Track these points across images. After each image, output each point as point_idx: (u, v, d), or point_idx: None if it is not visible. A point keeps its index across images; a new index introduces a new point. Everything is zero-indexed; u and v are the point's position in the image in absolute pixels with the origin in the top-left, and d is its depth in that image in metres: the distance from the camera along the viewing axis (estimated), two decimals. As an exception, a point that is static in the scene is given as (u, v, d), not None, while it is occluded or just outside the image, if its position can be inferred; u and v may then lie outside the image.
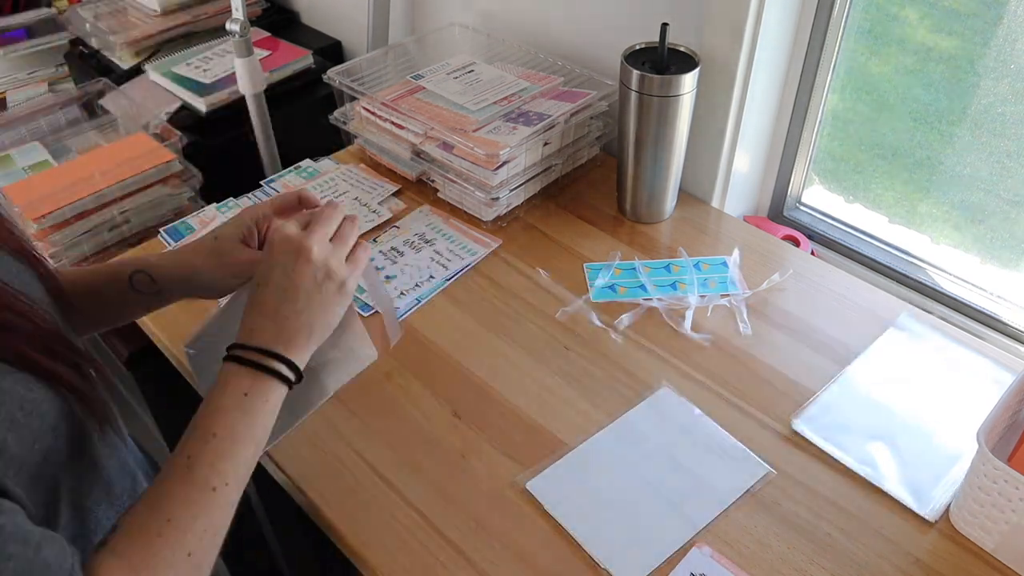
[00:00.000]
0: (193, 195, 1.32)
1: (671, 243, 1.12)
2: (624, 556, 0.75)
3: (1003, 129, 0.99)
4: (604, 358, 0.95)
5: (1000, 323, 1.05)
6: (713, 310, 1.01)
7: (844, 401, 0.89)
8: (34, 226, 1.16)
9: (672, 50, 1.06)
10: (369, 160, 1.28)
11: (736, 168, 1.17)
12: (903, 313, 1.00)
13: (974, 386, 0.91)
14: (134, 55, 1.66)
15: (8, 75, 2.02)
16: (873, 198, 1.17)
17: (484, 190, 1.10)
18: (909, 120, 1.08)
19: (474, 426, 0.87)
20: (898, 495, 0.79)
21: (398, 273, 1.06)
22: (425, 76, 1.24)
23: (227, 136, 1.50)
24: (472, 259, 1.08)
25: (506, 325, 0.99)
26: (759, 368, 0.93)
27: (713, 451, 0.84)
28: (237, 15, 1.27)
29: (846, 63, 1.10)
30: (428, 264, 1.08)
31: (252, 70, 1.34)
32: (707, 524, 0.77)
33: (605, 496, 0.80)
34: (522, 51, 1.31)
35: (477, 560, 0.75)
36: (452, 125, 1.12)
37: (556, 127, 1.14)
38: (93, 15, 1.70)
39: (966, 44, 0.99)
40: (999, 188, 1.02)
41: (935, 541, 0.76)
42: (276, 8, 1.84)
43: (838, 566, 0.74)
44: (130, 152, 1.29)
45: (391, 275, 1.06)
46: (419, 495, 0.80)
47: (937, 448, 0.84)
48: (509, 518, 0.78)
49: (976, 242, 1.08)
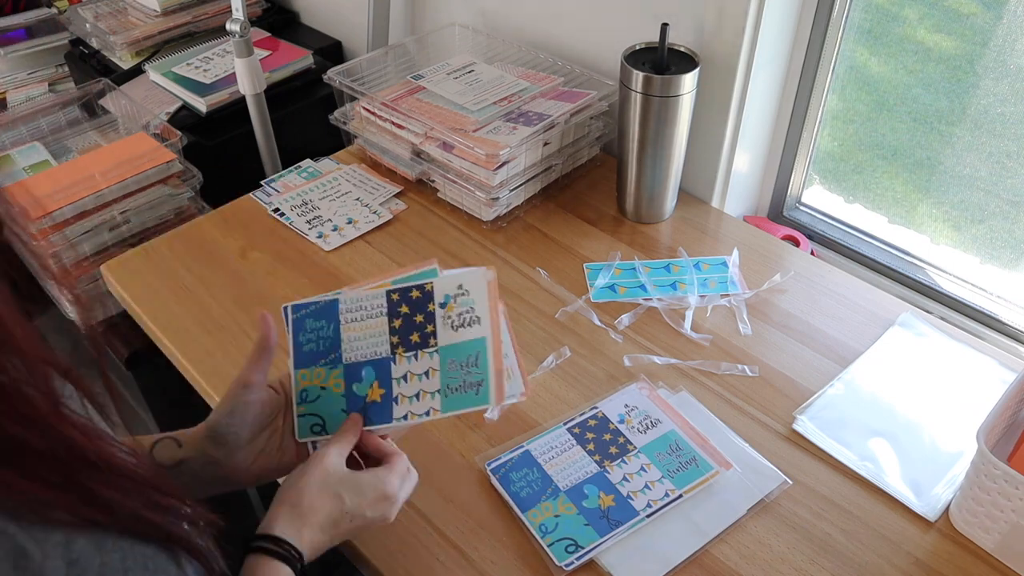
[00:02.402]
0: (193, 195, 1.32)
1: (671, 243, 1.12)
2: (630, 562, 0.74)
3: (1003, 129, 0.99)
4: (604, 358, 0.95)
5: (1000, 323, 1.05)
6: (713, 310, 1.01)
7: (844, 401, 0.89)
8: (34, 226, 1.16)
9: (672, 50, 1.06)
10: (369, 160, 1.28)
11: (736, 168, 1.17)
12: (903, 313, 1.00)
13: (974, 386, 0.91)
14: (134, 55, 1.66)
15: (8, 75, 2.02)
16: (873, 198, 1.17)
17: (484, 190, 1.10)
18: (909, 120, 1.08)
19: (474, 425, 0.87)
20: (898, 495, 0.80)
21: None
22: (425, 76, 1.24)
23: (227, 136, 1.50)
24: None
25: (506, 325, 0.99)
26: (759, 368, 0.93)
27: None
28: (237, 15, 1.27)
29: (846, 63, 1.11)
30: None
31: (252, 70, 1.34)
32: (719, 534, 0.76)
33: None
34: (522, 51, 1.31)
35: (477, 560, 0.75)
36: (452, 125, 1.12)
37: (556, 127, 1.14)
38: (93, 15, 1.70)
39: (966, 44, 0.99)
40: (999, 188, 1.02)
41: (935, 541, 0.76)
42: (276, 8, 1.84)
43: (838, 566, 0.74)
44: (130, 152, 1.28)
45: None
46: (420, 495, 0.80)
47: (937, 448, 0.84)
48: (511, 519, 0.78)
49: (976, 242, 1.08)
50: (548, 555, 0.74)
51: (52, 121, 1.44)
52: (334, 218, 1.16)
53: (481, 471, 0.82)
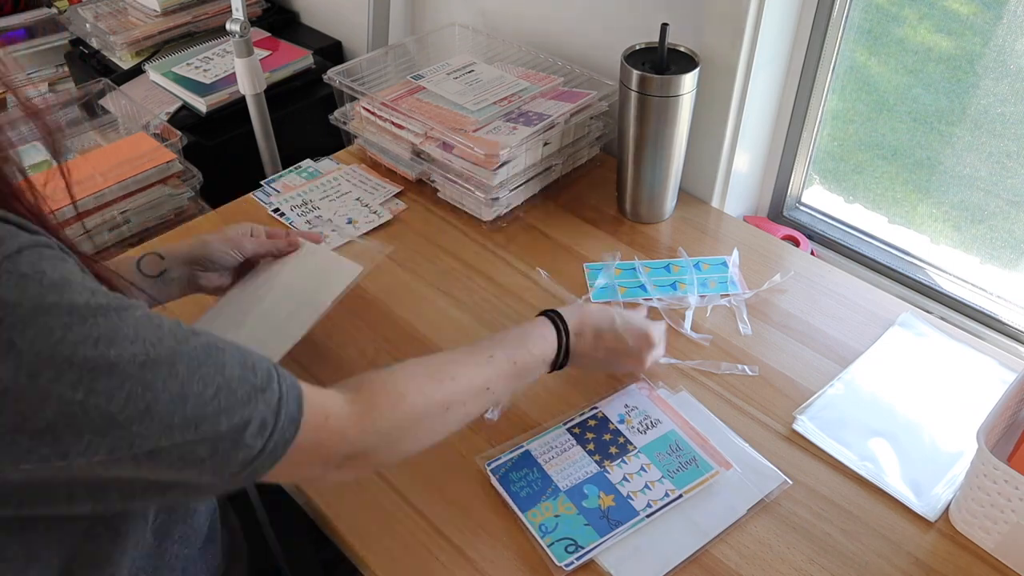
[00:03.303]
0: (193, 195, 1.32)
1: (671, 243, 1.12)
2: (629, 562, 0.74)
3: (1003, 129, 0.99)
4: (604, 358, 0.95)
5: (1000, 323, 1.05)
6: (713, 310, 1.01)
7: (844, 401, 0.89)
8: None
9: (672, 50, 1.06)
10: (369, 160, 1.28)
11: (736, 168, 1.17)
12: (903, 313, 1.00)
13: (974, 386, 0.91)
14: (134, 55, 1.66)
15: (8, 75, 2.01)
16: (873, 198, 1.17)
17: (484, 190, 1.10)
18: (909, 120, 1.08)
19: (474, 426, 0.87)
20: (898, 495, 0.80)
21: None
22: (425, 76, 1.24)
23: (227, 136, 1.50)
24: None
25: (506, 325, 0.99)
26: (759, 368, 0.93)
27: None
28: (237, 15, 1.27)
29: (846, 63, 1.11)
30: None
31: (252, 70, 1.34)
32: (719, 534, 0.76)
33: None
34: (522, 51, 1.31)
35: (477, 560, 0.75)
36: (452, 125, 1.12)
37: (556, 127, 1.14)
38: (93, 15, 1.70)
39: (966, 44, 0.99)
40: (999, 188, 1.02)
41: (935, 541, 0.76)
42: (276, 8, 1.84)
43: (838, 566, 0.74)
44: (130, 152, 1.28)
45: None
46: (420, 495, 0.80)
47: (937, 448, 0.84)
48: (510, 519, 0.78)
49: (976, 242, 1.08)
50: (548, 555, 0.74)
51: (52, 121, 1.44)
52: (334, 218, 1.16)
53: (481, 471, 0.82)
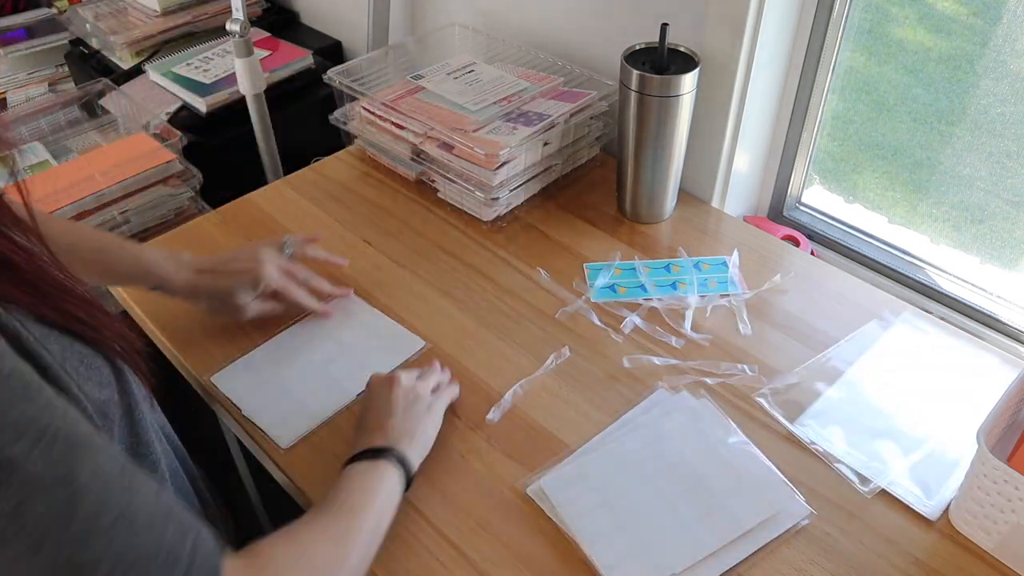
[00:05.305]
0: (193, 195, 1.32)
1: (671, 243, 1.12)
2: (627, 566, 0.74)
3: (1002, 129, 0.99)
4: (604, 358, 0.95)
5: (1000, 323, 1.05)
6: (713, 310, 1.01)
7: (844, 401, 0.89)
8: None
9: (672, 50, 1.06)
10: (369, 160, 1.28)
11: (736, 168, 1.17)
12: (903, 313, 1.00)
13: (974, 386, 0.91)
14: (134, 55, 1.66)
15: (8, 75, 2.02)
16: (873, 198, 1.17)
17: (484, 190, 1.10)
18: (909, 120, 1.08)
19: (474, 426, 0.87)
20: (898, 495, 0.80)
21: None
22: (425, 76, 1.24)
23: (227, 136, 1.50)
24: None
25: (506, 325, 0.99)
26: (759, 368, 0.93)
27: (743, 480, 0.80)
28: (237, 15, 1.27)
29: (846, 63, 1.11)
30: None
31: (252, 70, 1.34)
32: (721, 546, 0.75)
33: (612, 502, 0.79)
34: (522, 51, 1.31)
35: (478, 560, 0.75)
36: (452, 125, 1.12)
37: (556, 127, 1.14)
38: (93, 15, 1.70)
39: (965, 44, 0.99)
40: (999, 188, 1.02)
41: (935, 541, 0.76)
42: (276, 8, 1.84)
43: (838, 566, 0.74)
44: (130, 152, 1.29)
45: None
46: (420, 495, 0.80)
47: (937, 448, 0.84)
48: (510, 520, 0.78)
49: (976, 242, 1.08)
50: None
51: (52, 121, 1.45)
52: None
53: (481, 471, 0.82)
